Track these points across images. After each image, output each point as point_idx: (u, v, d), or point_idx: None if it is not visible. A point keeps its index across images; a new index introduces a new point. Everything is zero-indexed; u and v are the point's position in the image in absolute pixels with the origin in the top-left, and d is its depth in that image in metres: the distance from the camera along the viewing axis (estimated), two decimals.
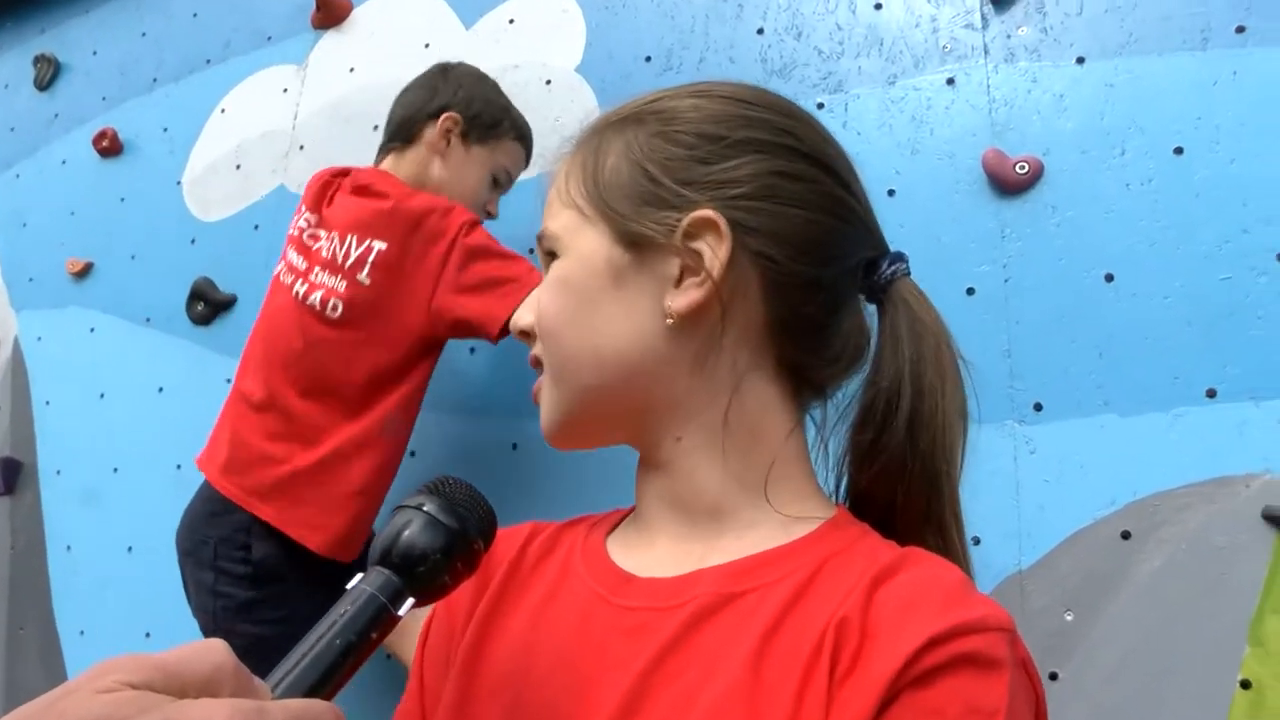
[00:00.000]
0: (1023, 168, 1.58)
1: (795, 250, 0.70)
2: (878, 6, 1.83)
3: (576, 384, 0.72)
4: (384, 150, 1.81)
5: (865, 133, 1.76)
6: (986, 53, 1.70)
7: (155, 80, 2.79)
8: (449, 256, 1.59)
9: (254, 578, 1.62)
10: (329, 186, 1.78)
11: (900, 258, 0.76)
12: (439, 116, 1.75)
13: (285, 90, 2.51)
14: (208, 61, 2.68)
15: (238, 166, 2.51)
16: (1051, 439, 1.48)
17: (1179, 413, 1.41)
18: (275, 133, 2.48)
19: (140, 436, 2.40)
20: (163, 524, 2.26)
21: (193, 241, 2.50)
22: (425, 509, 0.61)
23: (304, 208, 1.80)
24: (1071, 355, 1.50)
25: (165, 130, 2.69)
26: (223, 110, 2.61)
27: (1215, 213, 1.47)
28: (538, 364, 0.75)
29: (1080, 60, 1.62)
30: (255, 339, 1.76)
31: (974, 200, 1.64)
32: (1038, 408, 1.50)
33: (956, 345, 0.74)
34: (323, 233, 1.70)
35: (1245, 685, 1.29)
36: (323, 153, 2.39)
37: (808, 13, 1.90)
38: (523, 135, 1.86)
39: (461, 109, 1.76)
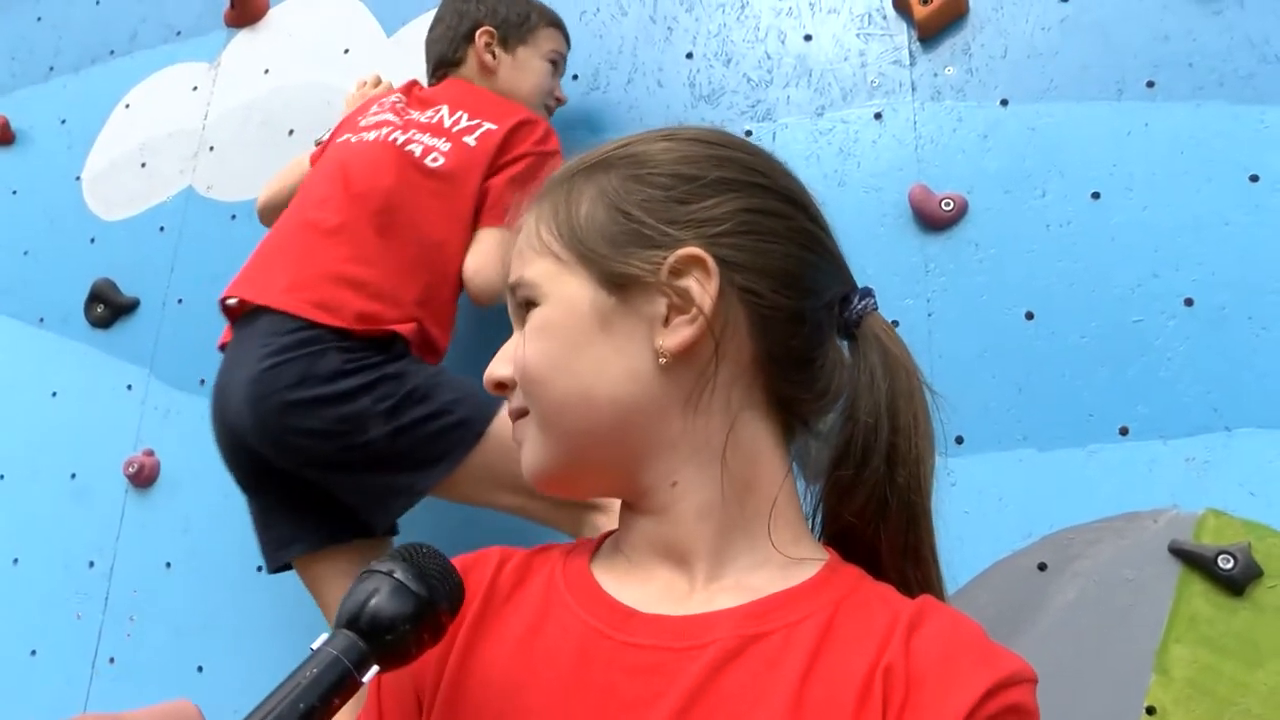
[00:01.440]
0: (948, 204, 1.63)
1: (779, 284, 0.71)
2: (807, 38, 1.87)
3: (568, 431, 0.71)
4: (436, 77, 1.85)
5: (792, 163, 1.72)
6: (914, 90, 1.75)
7: (52, 69, 2.68)
8: (536, 156, 1.67)
9: (377, 378, 1.47)
10: (414, 84, 1.84)
11: (869, 293, 0.78)
12: (473, 36, 1.80)
13: (195, 88, 2.44)
14: (111, 53, 2.59)
15: (143, 165, 2.42)
16: (971, 472, 1.52)
17: (1093, 449, 1.47)
18: (183, 132, 2.41)
19: (31, 443, 2.29)
20: (53, 535, 2.17)
21: (92, 240, 2.41)
22: (395, 575, 0.61)
23: (392, 94, 1.81)
24: (992, 390, 1.54)
25: (63, 122, 2.59)
26: (127, 105, 2.52)
27: (1129, 256, 1.53)
28: (520, 415, 0.74)
29: (1004, 102, 1.67)
30: (322, 179, 1.67)
31: (899, 234, 1.68)
32: (959, 441, 1.54)
33: (925, 377, 0.77)
34: (415, 110, 1.72)
35: (1150, 711, 1.35)
36: (234, 154, 2.32)
37: (737, 40, 1.93)
38: (553, 20, 1.90)
39: (490, 19, 1.82)
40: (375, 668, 0.59)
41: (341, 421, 1.44)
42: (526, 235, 0.75)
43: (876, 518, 0.75)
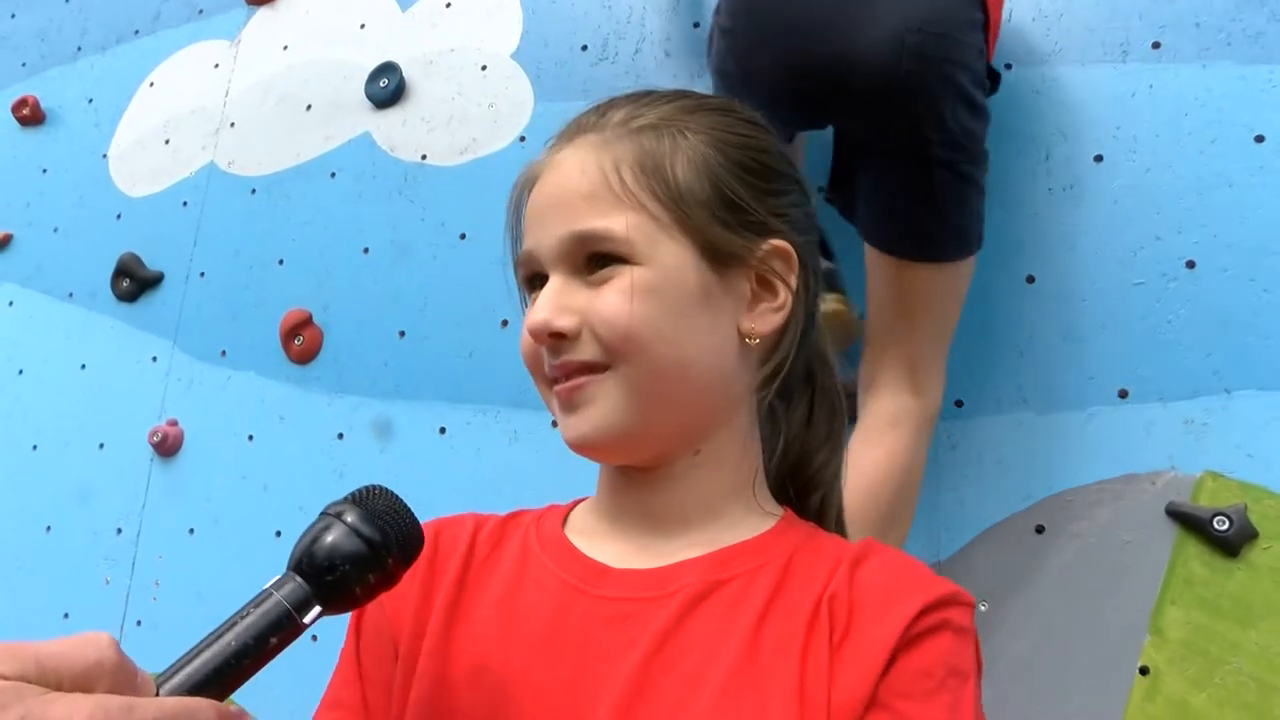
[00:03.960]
0: None
1: (817, 279, 0.80)
2: None
3: (659, 397, 0.71)
4: None
5: None
6: None
7: (79, 49, 2.73)
8: None
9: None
10: None
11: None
12: None
13: (217, 66, 2.48)
14: (136, 32, 2.64)
15: (166, 141, 2.47)
16: (971, 435, 1.53)
17: (1092, 412, 1.47)
18: (206, 109, 2.45)
19: (62, 414, 2.36)
20: (83, 503, 2.24)
21: (119, 216, 2.46)
22: (345, 518, 0.60)
23: None
24: (992, 353, 1.55)
25: (90, 101, 2.64)
26: (151, 83, 2.57)
27: (1131, 219, 1.53)
28: (584, 370, 0.71)
29: (1008, 66, 1.67)
30: None
31: None
32: (959, 404, 1.54)
33: None
34: None
35: (1144, 672, 1.35)
36: (254, 130, 2.36)
37: None
38: None
39: None
40: (317, 608, 0.58)
41: None
42: (603, 179, 0.72)
43: (836, 468, 0.83)
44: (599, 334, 0.70)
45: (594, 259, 0.71)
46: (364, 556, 0.59)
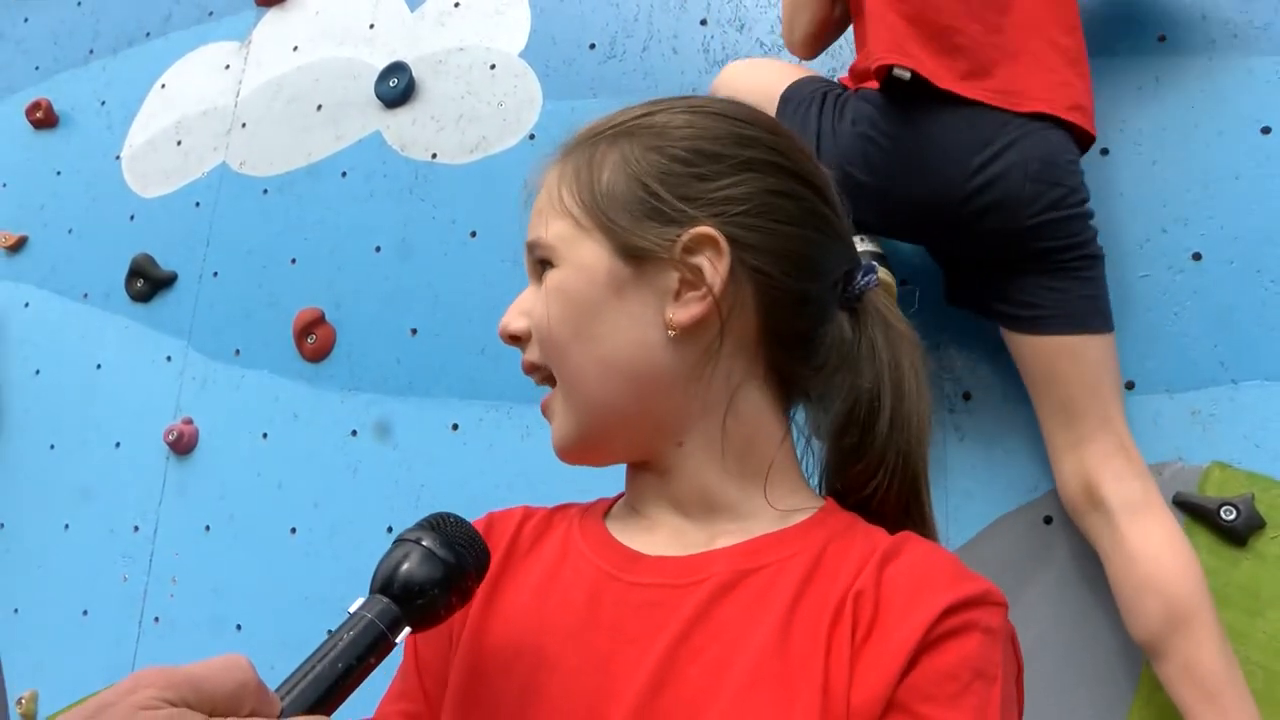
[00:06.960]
0: None
1: (789, 266, 0.74)
2: None
3: (588, 397, 0.74)
4: None
5: None
6: None
7: (92, 52, 2.76)
8: None
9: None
10: None
11: (873, 269, 0.80)
12: None
13: (227, 67, 2.50)
14: (147, 35, 2.66)
15: (178, 143, 2.49)
16: (979, 426, 1.54)
17: None
18: (217, 110, 2.47)
19: (77, 414, 2.38)
20: (100, 501, 2.26)
21: (132, 217, 2.49)
22: (424, 543, 0.65)
23: None
24: (1000, 346, 1.54)
25: (103, 104, 2.66)
26: (163, 85, 2.59)
27: (1137, 212, 1.53)
28: (534, 370, 0.76)
29: None
30: None
31: None
32: (967, 397, 1.56)
33: (925, 349, 0.80)
34: None
35: None
36: (265, 131, 2.38)
37: (750, 5, 1.94)
38: None
39: None
40: (407, 629, 0.63)
41: None
42: (547, 194, 0.76)
43: (881, 479, 0.78)
44: (535, 334, 0.75)
45: (540, 266, 0.76)
46: (449, 580, 0.65)
